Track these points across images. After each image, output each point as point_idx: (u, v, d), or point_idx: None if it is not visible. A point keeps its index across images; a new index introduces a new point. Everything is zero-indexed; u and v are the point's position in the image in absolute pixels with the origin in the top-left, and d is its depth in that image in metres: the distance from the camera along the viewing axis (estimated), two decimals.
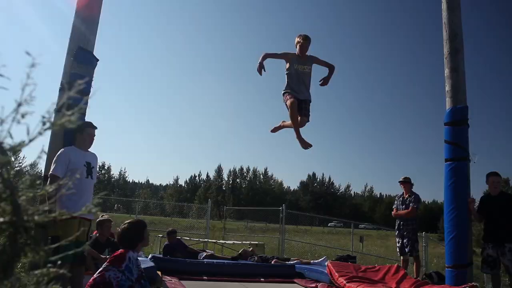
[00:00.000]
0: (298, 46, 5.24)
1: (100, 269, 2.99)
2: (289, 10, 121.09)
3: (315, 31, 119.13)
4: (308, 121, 5.30)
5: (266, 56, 5.18)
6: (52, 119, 0.85)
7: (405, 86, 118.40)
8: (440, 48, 6.32)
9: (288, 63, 5.26)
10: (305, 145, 5.31)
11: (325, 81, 5.46)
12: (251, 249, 9.34)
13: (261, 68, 5.10)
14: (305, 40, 5.21)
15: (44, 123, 0.83)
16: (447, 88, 6.13)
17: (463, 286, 5.15)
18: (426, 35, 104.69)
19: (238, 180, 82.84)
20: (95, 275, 2.95)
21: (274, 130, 5.78)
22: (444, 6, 6.31)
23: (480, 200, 6.03)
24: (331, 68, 5.45)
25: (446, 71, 6.17)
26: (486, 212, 5.76)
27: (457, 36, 6.14)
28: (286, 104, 5.19)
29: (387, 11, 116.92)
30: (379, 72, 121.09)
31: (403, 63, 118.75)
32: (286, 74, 5.30)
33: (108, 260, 3.07)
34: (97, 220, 6.01)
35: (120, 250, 3.13)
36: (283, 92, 5.28)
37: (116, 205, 27.29)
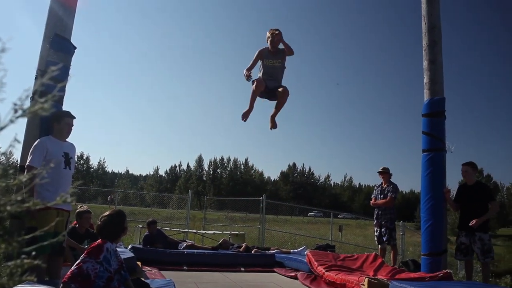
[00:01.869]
0: (268, 41, 5.24)
1: (78, 261, 2.96)
2: None
3: (294, 19, 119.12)
4: (287, 90, 5.24)
5: (248, 70, 5.21)
6: (25, 107, 0.82)
7: (384, 78, 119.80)
8: (420, 40, 6.40)
9: (261, 60, 5.29)
10: (273, 125, 5.51)
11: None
12: (226, 239, 9.36)
13: (248, 78, 5.17)
14: (274, 34, 5.18)
15: (16, 111, 0.80)
16: (425, 80, 6.22)
17: (438, 273, 5.29)
18: (406, 27, 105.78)
19: (218, 170, 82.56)
20: (72, 267, 2.91)
21: (245, 115, 5.53)
22: None
23: (457, 189, 6.17)
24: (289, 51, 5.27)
25: (425, 63, 6.25)
26: (461, 201, 5.91)
27: (436, 28, 6.23)
28: (253, 82, 5.18)
29: (368, 2, 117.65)
30: (359, 63, 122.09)
31: (382, 55, 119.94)
32: (259, 68, 5.34)
33: (85, 252, 3.03)
34: (76, 211, 5.92)
35: (98, 242, 3.10)
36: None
37: (109, 196, 26.99)
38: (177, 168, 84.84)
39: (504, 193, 68.11)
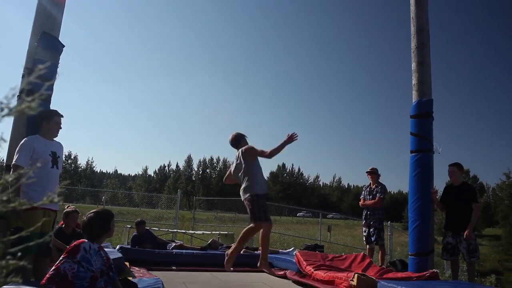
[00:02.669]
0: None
1: (56, 262, 2.91)
2: None
3: (285, 20, 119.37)
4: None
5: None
6: (12, 105, 0.81)
7: (373, 79, 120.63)
8: (409, 42, 6.46)
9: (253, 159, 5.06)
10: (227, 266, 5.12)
11: None
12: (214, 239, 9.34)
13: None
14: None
15: (2, 109, 0.79)
16: (414, 81, 6.28)
17: (425, 272, 5.35)
18: (395, 29, 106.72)
19: (208, 170, 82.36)
20: (51, 270, 2.87)
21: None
22: (412, 0, 6.44)
23: (443, 190, 6.24)
24: None
25: (413, 65, 6.31)
26: (447, 201, 5.98)
27: (424, 31, 6.29)
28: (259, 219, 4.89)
29: (357, 4, 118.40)
30: (347, 65, 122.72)
31: (372, 57, 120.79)
32: (253, 166, 5.05)
33: (64, 252, 2.99)
34: (64, 211, 5.86)
35: (75, 242, 3.06)
36: (253, 193, 4.95)
37: (103, 196, 26.74)
38: (166, 168, 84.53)
39: (490, 194, 68.96)
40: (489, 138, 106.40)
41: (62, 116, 4.32)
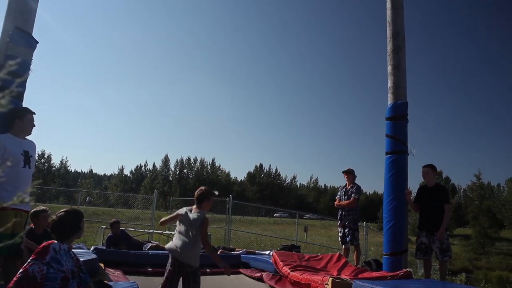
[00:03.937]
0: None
1: (25, 264, 2.83)
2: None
3: (261, 18, 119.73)
4: None
5: None
6: None
7: (349, 82, 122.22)
8: (384, 45, 6.58)
9: None
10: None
11: None
12: None
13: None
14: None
15: None
16: (389, 84, 6.39)
17: (398, 272, 5.45)
18: (371, 32, 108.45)
19: (185, 170, 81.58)
20: (18, 272, 2.78)
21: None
22: (388, 5, 6.56)
23: (417, 191, 6.37)
24: None
25: (389, 68, 6.43)
26: (421, 202, 6.10)
27: (400, 35, 6.41)
28: None
29: (335, 6, 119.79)
30: (324, 67, 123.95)
31: (349, 60, 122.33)
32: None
33: (32, 254, 2.90)
34: (32, 211, 5.69)
35: (44, 243, 2.98)
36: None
37: (88, 198, 26.11)
38: (143, 167, 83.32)
39: (461, 195, 70.88)
40: (461, 141, 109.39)
41: (34, 113, 4.22)
